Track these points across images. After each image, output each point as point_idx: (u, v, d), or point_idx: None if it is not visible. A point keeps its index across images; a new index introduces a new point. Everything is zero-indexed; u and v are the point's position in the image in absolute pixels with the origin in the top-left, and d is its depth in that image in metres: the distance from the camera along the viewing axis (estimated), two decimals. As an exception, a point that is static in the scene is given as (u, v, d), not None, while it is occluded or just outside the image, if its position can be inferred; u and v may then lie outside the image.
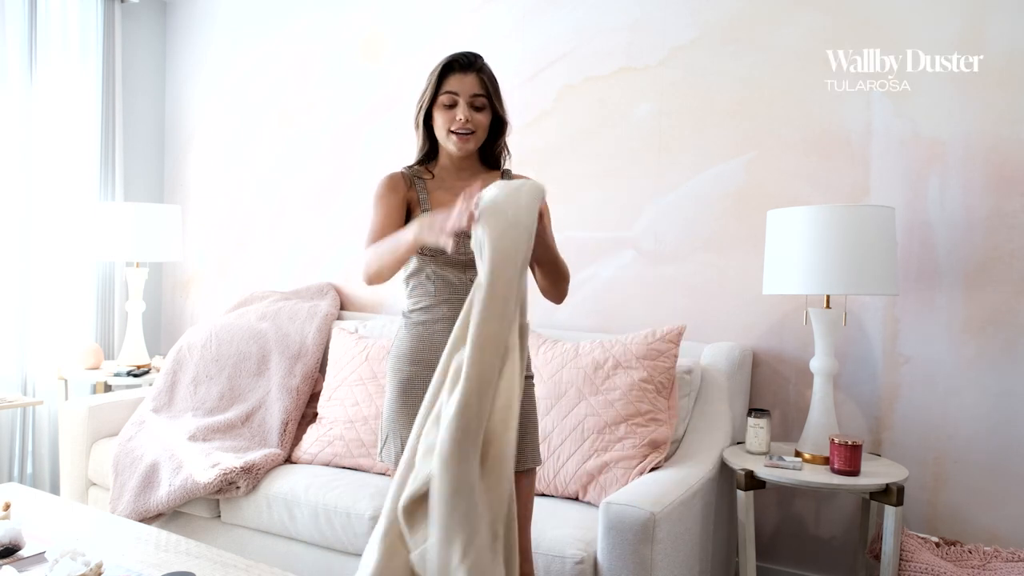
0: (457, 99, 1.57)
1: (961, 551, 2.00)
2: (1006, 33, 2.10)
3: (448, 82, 1.58)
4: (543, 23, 2.78)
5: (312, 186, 3.34)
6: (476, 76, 1.58)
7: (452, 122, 1.58)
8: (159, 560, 1.59)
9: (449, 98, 1.57)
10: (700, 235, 2.51)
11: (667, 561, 1.74)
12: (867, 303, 2.29)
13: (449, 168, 1.67)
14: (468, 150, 1.60)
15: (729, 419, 2.24)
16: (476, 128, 1.59)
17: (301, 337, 2.79)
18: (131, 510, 2.34)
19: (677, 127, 2.56)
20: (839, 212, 2.00)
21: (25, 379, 3.19)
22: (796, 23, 2.37)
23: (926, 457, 2.21)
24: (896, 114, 2.24)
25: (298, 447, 2.50)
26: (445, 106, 1.58)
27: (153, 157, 3.82)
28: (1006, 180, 2.11)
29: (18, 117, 3.15)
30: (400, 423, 1.59)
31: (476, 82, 1.58)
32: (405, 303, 1.65)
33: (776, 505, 2.43)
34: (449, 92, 1.57)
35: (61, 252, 3.33)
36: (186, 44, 3.77)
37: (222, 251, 3.65)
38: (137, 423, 2.62)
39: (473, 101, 1.58)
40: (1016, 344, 2.11)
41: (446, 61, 1.59)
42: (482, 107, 1.59)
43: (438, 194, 1.64)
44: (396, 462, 1.57)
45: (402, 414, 1.58)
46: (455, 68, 1.58)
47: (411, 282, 1.63)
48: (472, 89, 1.57)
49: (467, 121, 1.57)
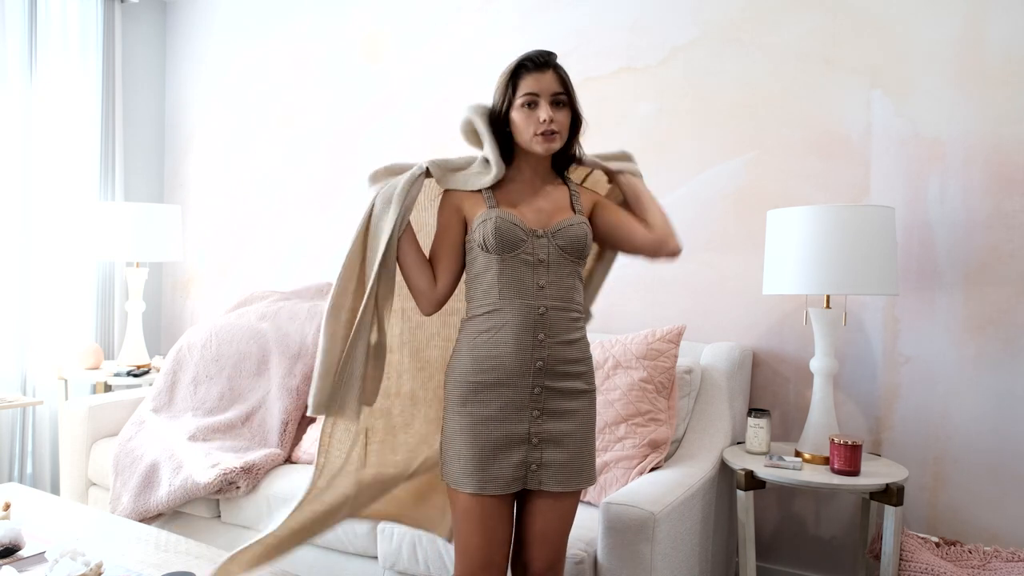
0: (538, 99, 1.49)
1: (961, 551, 2.00)
2: (1006, 33, 2.10)
3: (524, 83, 1.50)
4: (543, 23, 2.79)
5: (312, 186, 3.34)
6: (553, 74, 1.51)
7: (536, 123, 1.49)
8: (159, 560, 1.59)
9: (529, 99, 1.49)
10: (700, 235, 2.51)
11: (667, 561, 1.74)
12: (867, 303, 2.29)
13: (524, 168, 1.57)
14: (554, 150, 1.52)
15: (729, 419, 2.23)
16: (560, 128, 1.51)
17: (301, 337, 2.79)
18: (131, 510, 2.34)
19: (677, 127, 2.56)
20: (839, 212, 2.00)
21: (25, 379, 3.19)
22: (796, 23, 2.37)
23: (926, 457, 2.21)
24: (896, 114, 2.24)
25: (298, 447, 2.49)
26: (525, 107, 1.50)
27: (153, 157, 3.82)
28: (1006, 180, 2.11)
29: (18, 117, 3.15)
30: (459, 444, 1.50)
31: (555, 80, 1.51)
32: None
33: (776, 505, 2.44)
34: (528, 93, 1.49)
35: (61, 252, 3.33)
36: (186, 44, 3.77)
37: (222, 251, 3.65)
38: (137, 423, 2.62)
39: (554, 99, 1.50)
40: (1016, 344, 2.11)
41: (519, 61, 1.52)
42: (562, 104, 1.52)
43: (506, 192, 1.56)
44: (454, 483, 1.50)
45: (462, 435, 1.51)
46: (530, 68, 1.51)
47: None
48: (552, 88, 1.50)
49: (552, 120, 1.49)
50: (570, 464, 1.48)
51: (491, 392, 1.48)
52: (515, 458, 1.47)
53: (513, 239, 1.48)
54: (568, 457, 1.48)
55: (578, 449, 1.50)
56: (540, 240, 1.50)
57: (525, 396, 1.47)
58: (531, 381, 1.47)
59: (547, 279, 1.50)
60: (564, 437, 1.48)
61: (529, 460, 1.48)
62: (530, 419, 1.48)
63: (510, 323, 1.48)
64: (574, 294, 1.53)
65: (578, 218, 1.54)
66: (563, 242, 1.50)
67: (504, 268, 1.49)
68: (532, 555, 1.51)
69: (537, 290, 1.49)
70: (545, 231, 1.51)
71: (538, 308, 1.48)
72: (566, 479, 1.48)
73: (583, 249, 1.52)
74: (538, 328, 1.48)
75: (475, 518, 1.47)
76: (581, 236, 1.51)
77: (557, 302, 1.50)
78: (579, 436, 1.50)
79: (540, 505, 1.50)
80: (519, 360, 1.47)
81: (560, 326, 1.49)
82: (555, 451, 1.48)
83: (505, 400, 1.47)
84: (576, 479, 1.49)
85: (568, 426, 1.49)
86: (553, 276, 1.50)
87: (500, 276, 1.49)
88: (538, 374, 1.47)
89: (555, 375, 1.48)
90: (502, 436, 1.47)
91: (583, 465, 1.50)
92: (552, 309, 1.49)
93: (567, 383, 1.50)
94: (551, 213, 1.54)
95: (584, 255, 1.54)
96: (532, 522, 1.51)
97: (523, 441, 1.48)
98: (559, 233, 1.50)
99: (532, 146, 1.51)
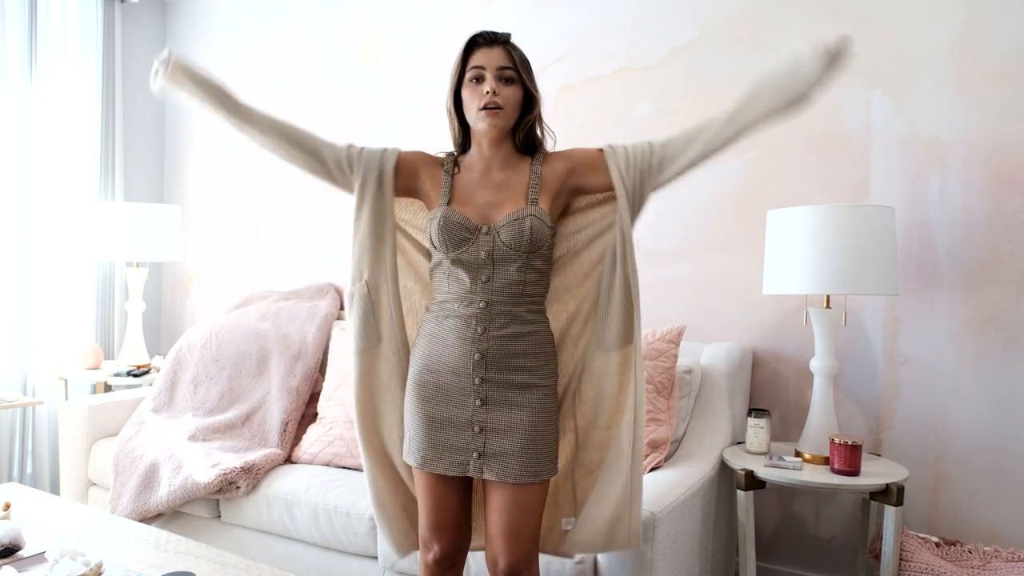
0: (484, 73, 1.47)
1: (961, 551, 2.00)
2: (1006, 33, 2.10)
3: (474, 57, 1.48)
4: (543, 23, 2.79)
5: (312, 186, 3.34)
6: (503, 49, 1.48)
7: (479, 97, 1.46)
8: (159, 560, 1.59)
9: (476, 72, 1.47)
10: (700, 235, 2.51)
11: (667, 561, 1.74)
12: (867, 303, 2.29)
13: (480, 155, 1.55)
14: (498, 126, 1.48)
15: (729, 419, 2.23)
16: (505, 103, 1.46)
17: (301, 337, 2.79)
18: (131, 510, 2.34)
19: (677, 127, 2.54)
20: (839, 212, 1.99)
21: (25, 379, 3.19)
22: (796, 23, 2.37)
23: (926, 457, 2.21)
24: (896, 114, 2.24)
25: (298, 447, 2.49)
26: (472, 82, 1.48)
27: (153, 157, 3.82)
28: (1006, 180, 2.11)
29: (18, 117, 3.15)
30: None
31: (503, 55, 1.48)
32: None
33: (776, 505, 2.43)
34: (475, 67, 1.47)
35: (61, 252, 3.33)
36: (186, 44, 3.77)
37: (222, 251, 3.65)
38: (137, 423, 2.62)
39: (501, 74, 1.47)
40: (1016, 344, 2.11)
41: (470, 37, 1.50)
42: (511, 80, 1.48)
43: (463, 184, 1.55)
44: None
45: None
46: (480, 43, 1.49)
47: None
48: (499, 62, 1.47)
49: (495, 94, 1.45)
50: (516, 456, 1.46)
51: (437, 376, 1.52)
52: (457, 443, 1.50)
53: (458, 238, 1.49)
54: (514, 448, 1.47)
55: (527, 442, 1.47)
56: (485, 236, 1.49)
57: (467, 384, 1.49)
58: (471, 372, 1.49)
59: (492, 273, 1.49)
60: (509, 429, 1.48)
61: (471, 447, 1.49)
62: (472, 407, 1.49)
63: (454, 314, 1.51)
64: (524, 287, 1.50)
65: (529, 209, 1.48)
66: (507, 238, 1.47)
67: (452, 262, 1.51)
68: (498, 549, 1.49)
69: (482, 283, 1.49)
70: (491, 227, 1.49)
71: (481, 301, 1.49)
72: (512, 470, 1.46)
73: (531, 243, 1.47)
74: (480, 321, 1.48)
75: (422, 486, 1.56)
76: (525, 230, 1.46)
77: (503, 296, 1.49)
78: (528, 429, 1.47)
79: (496, 497, 1.50)
80: (460, 351, 1.49)
81: (503, 319, 1.49)
82: (499, 441, 1.48)
83: (447, 385, 1.51)
84: (522, 471, 1.46)
85: (515, 418, 1.48)
86: (500, 270, 1.49)
87: (450, 269, 1.52)
88: (478, 366, 1.48)
89: (497, 368, 1.48)
90: (444, 419, 1.51)
91: (534, 458, 1.47)
92: (496, 303, 1.49)
93: (511, 376, 1.49)
94: (500, 205, 1.51)
95: (537, 247, 1.48)
96: (492, 515, 1.51)
97: (465, 427, 1.49)
98: (504, 229, 1.48)
99: (477, 123, 1.50)
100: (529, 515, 1.49)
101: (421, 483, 1.56)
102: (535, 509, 1.50)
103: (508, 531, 1.48)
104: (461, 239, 1.49)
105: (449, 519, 1.56)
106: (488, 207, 1.52)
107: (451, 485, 1.55)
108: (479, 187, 1.54)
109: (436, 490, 1.55)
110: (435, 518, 1.56)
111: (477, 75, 1.48)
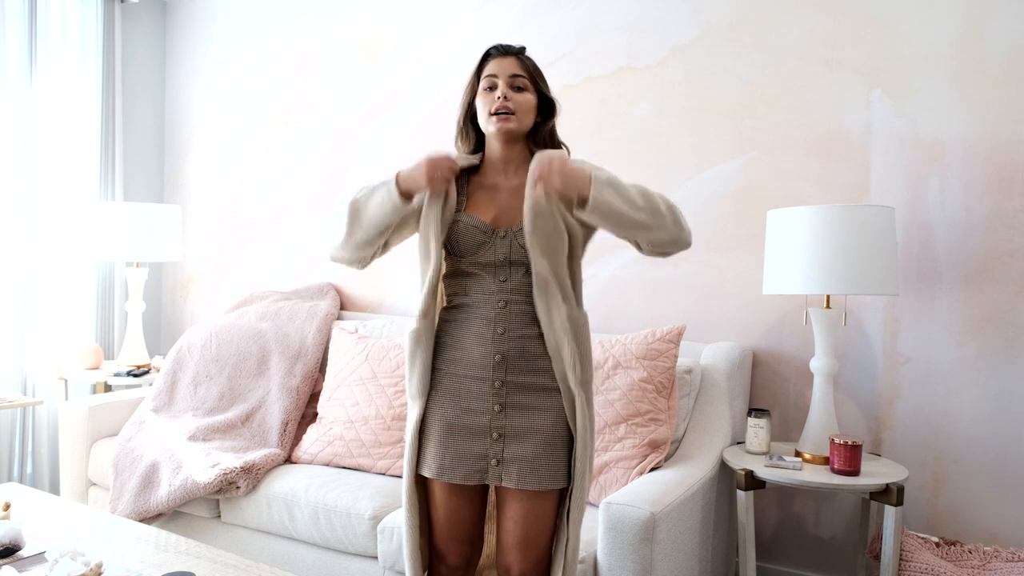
0: (496, 81, 1.50)
1: (961, 551, 2.00)
2: (1006, 33, 2.10)
3: (487, 67, 1.53)
4: (543, 23, 2.78)
5: (312, 186, 3.34)
6: (515, 59, 1.53)
7: (491, 102, 1.50)
8: (159, 560, 1.59)
9: (489, 81, 1.51)
10: (700, 235, 2.51)
11: (667, 561, 1.74)
12: (867, 303, 2.29)
13: (494, 161, 1.57)
14: (509, 130, 1.49)
15: (729, 419, 2.23)
16: (516, 108, 1.49)
17: (301, 337, 2.79)
18: (131, 510, 2.34)
19: (677, 127, 2.56)
20: (839, 212, 1.99)
21: (25, 379, 3.19)
22: (796, 23, 2.37)
23: (926, 457, 2.21)
24: (896, 114, 2.24)
25: (298, 447, 2.49)
26: (486, 90, 1.52)
27: (153, 157, 3.82)
28: (1006, 180, 2.11)
29: (18, 117, 3.14)
30: None
31: (516, 64, 1.52)
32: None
33: (776, 505, 2.43)
34: (489, 76, 1.52)
35: (61, 252, 3.33)
36: (186, 44, 3.77)
37: (222, 251, 3.65)
38: (137, 423, 2.62)
39: (512, 82, 1.50)
40: (1016, 344, 2.11)
41: (485, 50, 1.56)
42: (523, 88, 1.51)
43: (478, 190, 1.56)
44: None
45: None
46: (493, 54, 1.54)
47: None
48: (511, 70, 1.51)
49: (506, 99, 1.48)
50: (535, 461, 1.45)
51: (455, 381, 1.50)
52: (475, 450, 1.48)
53: (473, 243, 1.49)
54: (533, 454, 1.45)
55: (546, 447, 1.46)
56: (503, 240, 1.49)
57: (487, 389, 1.48)
58: (491, 375, 1.48)
59: (510, 274, 1.49)
60: (529, 433, 1.46)
61: (489, 454, 1.47)
62: (491, 413, 1.48)
63: (473, 316, 1.50)
64: None
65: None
66: (525, 241, 1.47)
67: (470, 264, 1.51)
68: (510, 559, 1.49)
69: (500, 284, 1.49)
70: (508, 230, 1.50)
71: (500, 302, 1.48)
72: (530, 477, 1.45)
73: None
74: (498, 322, 1.48)
75: (438, 498, 1.53)
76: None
77: (521, 296, 1.49)
78: (548, 433, 1.46)
79: (512, 506, 1.48)
80: (479, 353, 1.48)
81: (523, 320, 1.48)
82: (518, 447, 1.46)
83: (466, 391, 1.49)
84: (541, 478, 1.45)
85: (535, 422, 1.47)
86: (517, 271, 1.49)
87: (467, 270, 1.52)
88: (498, 368, 1.47)
89: (517, 370, 1.48)
90: (462, 426, 1.48)
91: (551, 464, 1.46)
92: (515, 303, 1.49)
93: (532, 378, 1.48)
94: (517, 209, 1.51)
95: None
96: (506, 523, 1.49)
97: (484, 434, 1.48)
98: (521, 232, 1.48)
99: (488, 128, 1.52)
100: (543, 524, 1.49)
101: (436, 494, 1.53)
102: (549, 518, 1.50)
103: (523, 541, 1.48)
104: (477, 244, 1.49)
105: (462, 532, 1.54)
106: (504, 211, 1.53)
107: (466, 496, 1.53)
108: (494, 192, 1.55)
109: (451, 502, 1.52)
110: (448, 531, 1.54)
111: (490, 83, 1.52)
